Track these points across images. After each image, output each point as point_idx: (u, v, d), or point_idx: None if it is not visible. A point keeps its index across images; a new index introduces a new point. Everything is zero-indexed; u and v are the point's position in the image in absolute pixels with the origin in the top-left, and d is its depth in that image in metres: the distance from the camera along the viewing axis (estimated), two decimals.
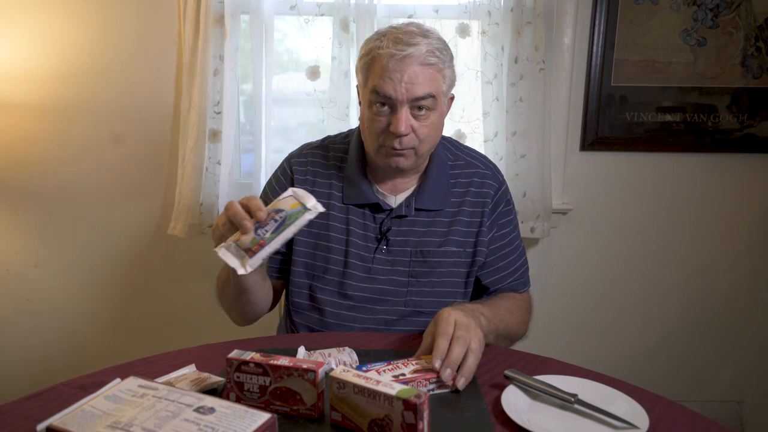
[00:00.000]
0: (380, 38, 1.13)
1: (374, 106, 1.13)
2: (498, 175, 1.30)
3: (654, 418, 0.84)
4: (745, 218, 2.11)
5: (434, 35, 1.14)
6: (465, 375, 0.93)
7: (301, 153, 1.31)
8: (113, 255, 2.07)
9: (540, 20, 1.85)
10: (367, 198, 1.22)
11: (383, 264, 1.22)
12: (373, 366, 0.96)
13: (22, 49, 1.91)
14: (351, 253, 1.21)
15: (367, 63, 1.14)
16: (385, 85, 1.10)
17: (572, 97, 2.00)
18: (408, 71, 1.09)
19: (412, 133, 1.13)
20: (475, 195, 1.25)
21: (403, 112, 1.11)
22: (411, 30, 1.13)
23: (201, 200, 1.90)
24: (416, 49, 1.09)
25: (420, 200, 1.22)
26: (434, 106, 1.14)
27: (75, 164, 2.00)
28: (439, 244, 1.22)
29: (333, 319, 1.23)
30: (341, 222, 1.23)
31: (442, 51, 1.13)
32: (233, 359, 0.86)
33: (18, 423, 0.84)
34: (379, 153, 1.17)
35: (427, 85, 1.11)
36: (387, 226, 1.22)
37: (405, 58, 1.09)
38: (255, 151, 1.90)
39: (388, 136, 1.13)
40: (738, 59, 1.97)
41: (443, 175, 1.25)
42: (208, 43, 1.82)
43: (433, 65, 1.11)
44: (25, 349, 2.12)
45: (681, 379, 2.19)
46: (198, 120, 1.85)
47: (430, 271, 1.22)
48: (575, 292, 2.14)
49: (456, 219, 1.23)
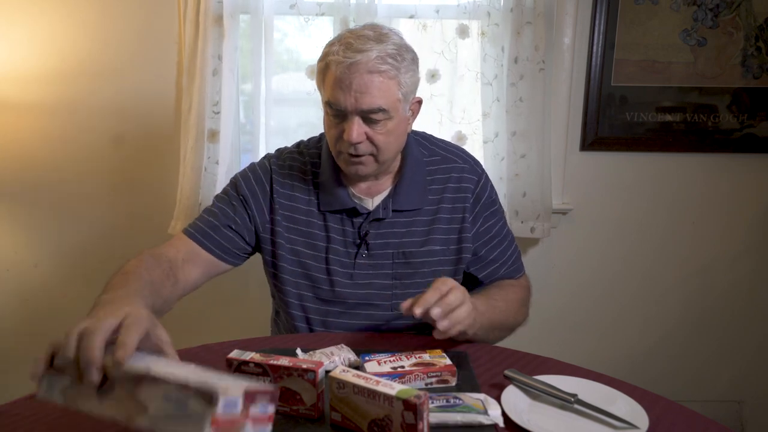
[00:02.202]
0: (334, 43, 1.10)
1: (330, 113, 1.12)
2: (476, 168, 1.27)
3: (654, 418, 0.84)
4: (745, 218, 2.11)
5: (391, 39, 1.10)
6: (451, 319, 0.93)
7: (280, 156, 1.27)
8: (113, 255, 2.06)
9: (540, 20, 1.85)
10: (343, 203, 1.19)
11: (365, 269, 1.20)
12: (374, 356, 0.96)
13: (22, 49, 1.91)
14: (332, 260, 1.20)
15: (321, 68, 1.12)
16: (335, 95, 1.08)
17: (572, 97, 2.00)
18: (356, 80, 1.06)
19: (366, 141, 1.11)
20: (454, 191, 1.23)
21: (355, 120, 1.09)
22: (364, 34, 1.09)
23: (200, 200, 1.90)
24: (365, 55, 1.05)
25: (397, 201, 1.20)
26: (389, 115, 1.10)
27: (75, 164, 1.99)
28: (420, 244, 1.21)
29: (320, 326, 1.23)
30: (320, 229, 1.21)
31: (395, 57, 1.08)
32: (233, 359, 0.86)
33: (18, 423, 0.84)
34: (340, 159, 1.16)
35: (376, 97, 1.07)
36: (365, 230, 1.20)
37: (352, 66, 1.06)
38: (253, 151, 1.90)
39: (344, 143, 1.11)
40: (738, 59, 1.97)
41: (419, 172, 1.23)
42: (208, 43, 1.82)
43: (384, 72, 1.07)
44: (25, 349, 2.11)
45: (681, 379, 2.19)
46: (197, 120, 1.85)
47: (413, 272, 1.21)
48: (575, 292, 2.14)
49: (436, 217, 1.22)
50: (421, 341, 1.11)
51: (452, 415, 0.82)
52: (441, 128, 1.93)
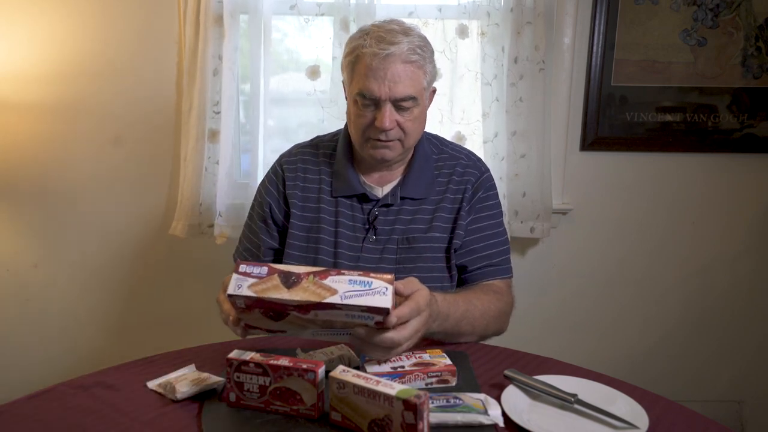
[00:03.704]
0: (363, 36, 1.18)
1: (360, 103, 1.18)
2: (480, 165, 1.34)
3: (654, 418, 0.84)
4: (745, 218, 2.11)
5: (415, 32, 1.19)
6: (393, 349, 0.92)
7: (291, 152, 1.36)
8: (113, 255, 2.07)
9: (540, 20, 1.85)
10: (354, 189, 1.27)
11: (372, 252, 1.25)
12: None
13: (22, 49, 1.91)
14: (341, 243, 1.25)
15: (351, 61, 1.20)
16: (369, 85, 1.15)
17: (572, 97, 2.00)
18: (391, 69, 1.14)
19: (397, 127, 1.19)
20: (457, 183, 1.30)
21: (387, 108, 1.16)
22: (393, 28, 1.17)
23: (201, 200, 1.90)
24: (398, 47, 1.14)
25: (405, 189, 1.27)
26: (416, 103, 1.19)
27: (75, 164, 1.99)
28: (424, 231, 1.26)
29: None
30: (331, 214, 1.27)
31: (422, 48, 1.18)
32: (233, 359, 0.86)
33: (18, 423, 0.84)
34: (366, 145, 1.22)
35: (408, 86, 1.16)
36: (374, 215, 1.26)
37: (388, 57, 1.14)
38: (252, 151, 1.90)
39: (374, 130, 1.19)
40: (738, 59, 1.97)
41: (428, 167, 1.30)
42: (208, 43, 1.82)
43: (415, 62, 1.16)
44: (25, 349, 2.12)
45: (681, 379, 2.19)
46: (198, 120, 1.85)
47: (416, 257, 1.25)
48: (575, 292, 2.14)
49: (439, 206, 1.28)
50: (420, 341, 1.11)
51: (452, 415, 0.82)
52: (441, 128, 1.93)
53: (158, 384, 0.93)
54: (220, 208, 1.88)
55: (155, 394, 0.92)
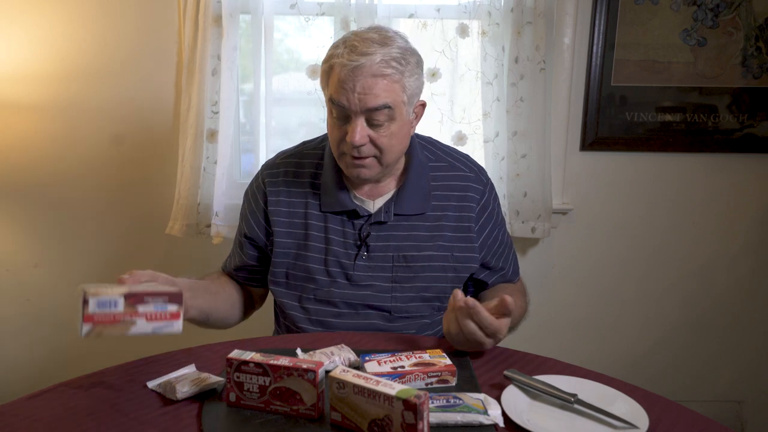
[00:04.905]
0: (339, 45, 1.11)
1: (334, 113, 1.13)
2: (482, 176, 1.29)
3: (654, 418, 0.84)
4: (745, 218, 2.11)
5: (396, 43, 1.11)
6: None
7: (274, 164, 1.29)
8: (113, 255, 2.07)
9: (540, 20, 1.85)
10: (344, 205, 1.20)
11: (364, 270, 1.20)
12: (374, 356, 0.96)
13: (22, 49, 1.91)
14: (331, 261, 1.20)
15: (325, 70, 1.14)
16: (339, 96, 1.09)
17: (572, 97, 2.00)
18: (360, 82, 1.07)
19: (369, 143, 1.11)
20: (459, 199, 1.24)
21: (358, 122, 1.09)
22: (370, 37, 1.09)
23: (199, 200, 1.90)
24: (369, 59, 1.06)
25: (399, 206, 1.21)
26: (393, 116, 1.11)
27: (75, 164, 1.99)
28: (422, 249, 1.21)
29: (319, 327, 1.23)
30: (320, 230, 1.21)
31: (400, 60, 1.09)
32: (233, 359, 0.86)
33: (18, 423, 0.84)
34: (342, 161, 1.17)
35: (381, 96, 1.08)
36: (366, 232, 1.20)
37: (356, 69, 1.07)
38: (253, 152, 1.90)
39: (347, 145, 1.12)
40: (738, 59, 1.97)
41: (423, 177, 1.23)
42: (207, 43, 1.82)
43: (388, 76, 1.08)
44: (25, 349, 2.12)
45: (681, 379, 2.19)
46: (196, 120, 1.85)
47: (414, 276, 1.21)
48: (575, 292, 2.14)
49: (440, 224, 1.22)
50: (421, 341, 1.11)
51: (452, 415, 0.82)
52: (441, 127, 1.93)
53: (158, 384, 0.93)
54: (218, 208, 1.88)
55: (155, 394, 0.92)
